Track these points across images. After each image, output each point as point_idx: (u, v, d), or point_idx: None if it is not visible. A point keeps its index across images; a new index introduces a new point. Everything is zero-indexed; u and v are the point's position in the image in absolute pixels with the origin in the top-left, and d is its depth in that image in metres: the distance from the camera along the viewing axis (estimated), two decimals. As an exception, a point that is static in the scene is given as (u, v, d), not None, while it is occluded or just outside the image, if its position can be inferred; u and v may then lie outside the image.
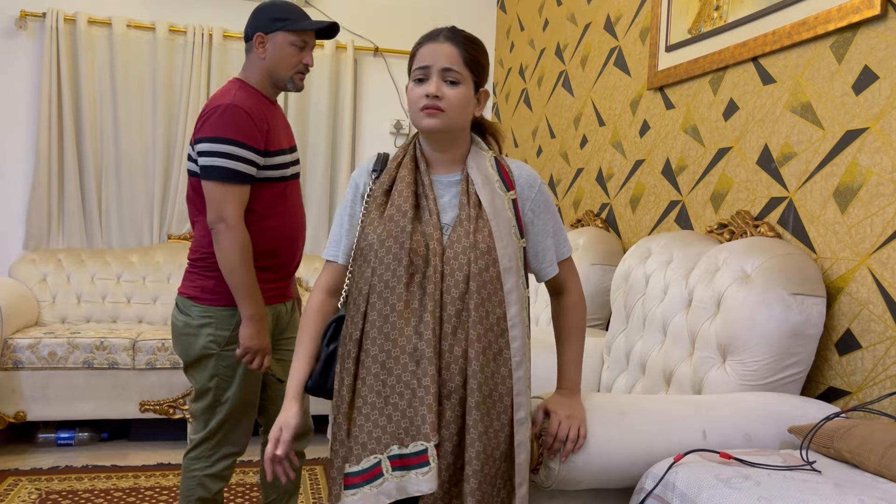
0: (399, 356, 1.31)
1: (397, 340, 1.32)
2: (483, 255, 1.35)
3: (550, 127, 3.68)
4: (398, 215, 1.39)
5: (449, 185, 1.45)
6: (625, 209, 2.91)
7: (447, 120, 1.38)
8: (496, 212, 1.40)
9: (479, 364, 1.31)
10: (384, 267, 1.36)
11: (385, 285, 1.35)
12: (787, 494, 1.18)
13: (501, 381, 1.34)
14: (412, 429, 1.29)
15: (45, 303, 3.69)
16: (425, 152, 1.47)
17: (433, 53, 1.38)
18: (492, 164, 1.45)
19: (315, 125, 4.24)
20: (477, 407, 1.30)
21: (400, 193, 1.41)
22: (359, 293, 1.38)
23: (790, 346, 1.75)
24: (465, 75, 1.39)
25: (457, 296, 1.34)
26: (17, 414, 3.16)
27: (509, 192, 1.43)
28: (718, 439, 1.53)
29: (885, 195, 1.71)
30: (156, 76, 4.00)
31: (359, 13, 4.37)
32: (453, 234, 1.38)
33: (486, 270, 1.35)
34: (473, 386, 1.31)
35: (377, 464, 1.29)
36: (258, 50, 2.04)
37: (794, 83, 2.04)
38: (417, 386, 1.29)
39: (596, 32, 3.23)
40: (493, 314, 1.35)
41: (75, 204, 3.90)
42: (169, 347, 3.28)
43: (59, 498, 2.72)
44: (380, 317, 1.34)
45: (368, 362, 1.33)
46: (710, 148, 2.39)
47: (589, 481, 1.48)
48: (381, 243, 1.37)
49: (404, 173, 1.43)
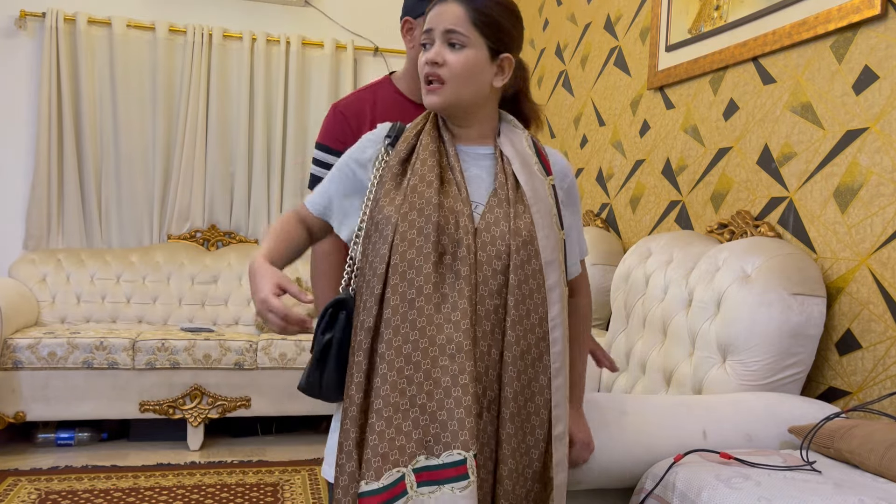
0: (428, 348, 1.12)
1: (426, 329, 1.12)
2: (525, 246, 1.18)
3: (550, 127, 3.68)
4: (422, 185, 1.20)
5: (477, 158, 1.28)
6: (625, 209, 2.91)
7: (449, 93, 1.22)
8: (537, 197, 1.23)
9: (515, 370, 1.15)
10: (407, 243, 1.15)
11: (409, 264, 1.15)
12: (787, 494, 1.18)
13: (539, 390, 1.18)
14: (445, 434, 1.09)
15: (44, 303, 3.69)
16: (447, 124, 1.30)
17: (438, 15, 1.23)
18: (529, 144, 1.30)
19: (315, 125, 4.23)
20: (511, 419, 1.14)
21: (423, 162, 1.22)
22: (373, 274, 1.17)
23: (790, 347, 1.75)
24: (474, 38, 1.21)
25: (494, 289, 1.17)
26: (16, 414, 3.16)
27: (549, 177, 1.28)
28: (718, 439, 1.52)
29: (886, 195, 1.71)
30: (156, 76, 4.00)
31: (359, 13, 4.37)
32: (489, 214, 1.21)
33: (527, 263, 1.18)
34: (508, 395, 1.15)
35: (400, 479, 1.08)
36: (405, 38, 1.72)
37: (794, 83, 2.04)
38: (452, 384, 1.10)
39: (596, 32, 3.23)
40: (534, 314, 1.18)
41: (75, 204, 3.90)
42: (169, 348, 3.29)
43: (59, 498, 2.72)
44: (403, 301, 1.14)
45: (390, 354, 1.12)
46: (711, 148, 2.39)
47: (589, 481, 1.48)
48: (402, 217, 1.17)
49: (427, 141, 1.25)
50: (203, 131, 4.05)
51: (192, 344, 3.32)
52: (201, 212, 4.08)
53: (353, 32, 4.35)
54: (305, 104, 4.23)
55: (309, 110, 4.25)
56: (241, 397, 3.36)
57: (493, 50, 1.24)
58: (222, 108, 4.09)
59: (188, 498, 2.75)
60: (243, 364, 3.36)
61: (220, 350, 3.34)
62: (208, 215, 4.11)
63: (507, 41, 1.26)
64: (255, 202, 4.16)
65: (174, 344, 3.30)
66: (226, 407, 3.35)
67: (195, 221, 4.07)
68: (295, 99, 4.17)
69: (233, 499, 2.80)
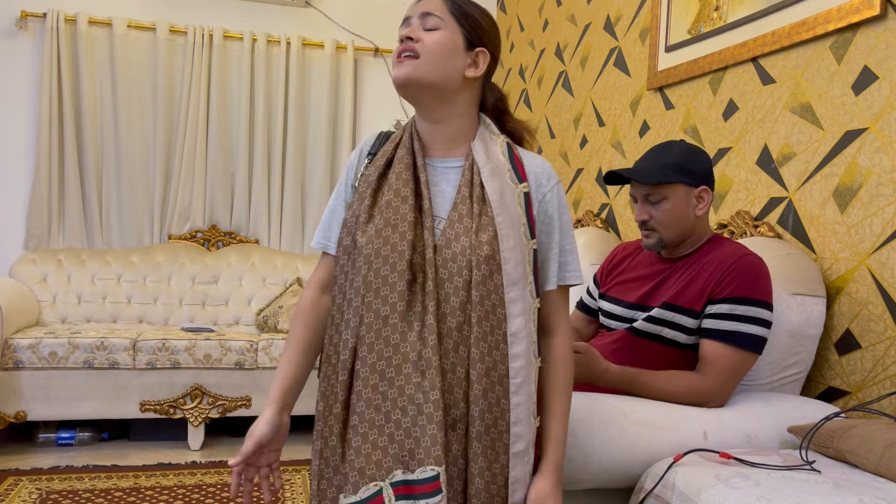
0: (401, 364, 1.13)
1: (399, 346, 1.13)
2: (487, 261, 1.16)
3: (550, 127, 3.68)
4: (396, 200, 1.20)
5: (445, 171, 1.25)
6: (625, 209, 2.91)
7: (420, 67, 1.20)
8: (504, 207, 1.20)
9: (480, 388, 1.14)
10: (381, 260, 1.16)
11: (384, 281, 1.15)
12: (786, 494, 1.18)
13: (508, 408, 1.17)
14: (419, 451, 1.10)
15: (45, 303, 3.70)
16: (419, 129, 1.28)
17: (415, 5, 1.25)
18: (503, 152, 1.25)
19: (315, 125, 4.24)
20: (478, 438, 1.14)
21: (398, 176, 1.22)
22: (355, 292, 1.18)
23: (790, 346, 1.75)
24: (449, 23, 1.23)
25: (457, 305, 1.15)
26: (17, 414, 3.17)
27: (521, 185, 1.23)
28: (718, 439, 1.53)
29: (885, 195, 1.72)
30: (156, 77, 4.00)
31: (359, 13, 4.38)
32: (449, 230, 1.19)
33: (489, 278, 1.16)
34: (475, 413, 1.14)
35: (378, 492, 1.09)
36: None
37: (793, 83, 2.04)
38: (424, 401, 1.11)
39: (596, 33, 3.23)
40: (498, 330, 1.16)
41: (76, 204, 3.90)
42: (170, 347, 3.29)
43: (60, 498, 2.72)
44: (377, 318, 1.15)
45: (365, 372, 1.14)
46: (710, 148, 2.39)
47: (588, 481, 1.48)
48: (377, 233, 1.18)
49: (402, 153, 1.25)
50: (203, 131, 4.05)
51: (193, 344, 3.32)
52: (202, 212, 4.09)
53: (354, 33, 4.35)
54: (306, 104, 4.24)
55: (309, 111, 4.25)
56: (241, 397, 3.37)
57: (468, 40, 1.24)
58: (223, 108, 4.09)
59: (189, 497, 2.75)
60: (244, 364, 3.36)
61: (221, 350, 3.34)
62: (209, 215, 4.12)
63: (482, 36, 1.26)
64: (256, 202, 4.16)
65: (175, 344, 3.30)
66: (226, 407, 3.35)
67: (196, 221, 4.08)
68: (295, 99, 4.17)
69: (233, 498, 2.80)
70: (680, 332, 1.67)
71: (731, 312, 1.61)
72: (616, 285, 1.89)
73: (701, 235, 1.75)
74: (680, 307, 1.67)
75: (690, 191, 1.71)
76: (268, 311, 3.80)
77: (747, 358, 1.62)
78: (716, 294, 1.63)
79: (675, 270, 1.74)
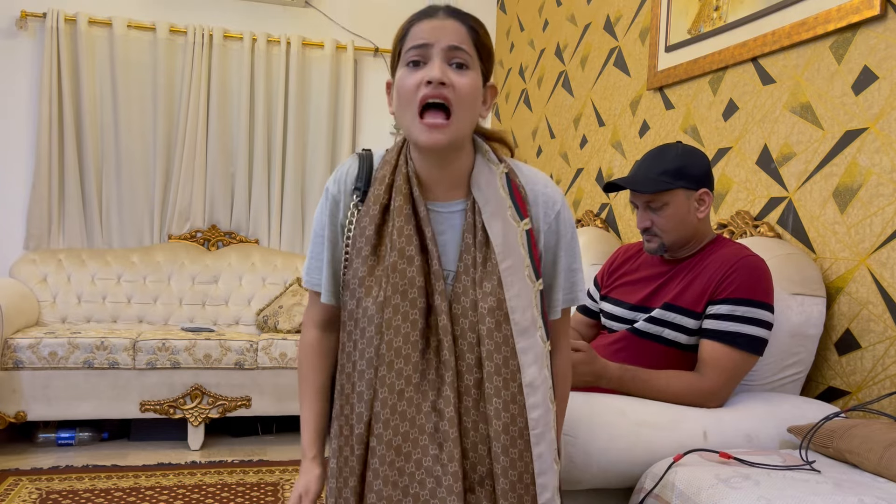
0: (418, 438, 1.08)
1: (415, 419, 1.09)
2: (493, 311, 1.10)
3: (550, 127, 3.68)
4: (402, 262, 1.10)
5: (450, 217, 1.16)
6: (624, 209, 2.91)
7: (455, 127, 1.06)
8: (508, 250, 1.12)
9: (500, 445, 1.09)
10: (393, 331, 1.09)
11: (396, 353, 1.09)
12: (786, 494, 1.18)
13: (531, 460, 1.12)
14: None
15: (45, 303, 3.70)
16: (419, 171, 1.15)
17: (434, 30, 1.07)
18: (503, 185, 1.15)
19: (315, 125, 4.24)
20: (504, 496, 1.09)
21: (400, 231, 1.11)
22: (367, 364, 1.11)
23: (790, 346, 1.75)
24: (475, 60, 1.09)
25: (473, 362, 1.10)
26: (17, 414, 3.17)
27: (523, 221, 1.14)
28: (718, 439, 1.53)
29: (885, 195, 1.72)
30: (156, 76, 4.00)
31: (359, 13, 4.38)
32: (457, 284, 1.12)
33: (497, 329, 1.10)
34: (498, 471, 1.09)
35: None
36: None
37: (793, 83, 2.04)
38: (443, 473, 1.07)
39: (596, 33, 3.23)
40: (513, 382, 1.10)
41: (76, 204, 3.90)
42: (170, 347, 3.29)
43: (60, 498, 2.72)
44: (392, 393, 1.09)
45: (381, 449, 1.09)
46: (710, 148, 2.39)
47: (589, 481, 1.48)
48: (386, 300, 1.10)
49: (400, 202, 1.12)
50: (203, 131, 4.05)
51: (193, 344, 3.32)
52: (202, 212, 4.09)
53: (354, 33, 4.35)
54: (306, 104, 4.24)
55: (309, 110, 4.25)
56: (241, 397, 3.37)
57: (485, 77, 1.13)
58: (223, 108, 4.09)
59: (189, 497, 2.75)
60: (244, 364, 3.36)
61: (221, 350, 3.34)
62: (209, 215, 4.12)
63: (491, 68, 1.16)
64: (256, 202, 4.16)
65: (175, 344, 3.30)
66: (226, 407, 3.35)
67: (196, 221, 4.08)
68: (295, 99, 4.17)
69: (233, 498, 2.80)
70: (681, 333, 1.67)
71: (731, 313, 1.61)
72: (618, 287, 1.89)
73: (703, 237, 1.75)
74: (681, 308, 1.67)
75: (691, 194, 1.71)
76: (268, 311, 3.80)
77: (747, 359, 1.62)
78: (716, 295, 1.64)
79: (678, 272, 1.74)
